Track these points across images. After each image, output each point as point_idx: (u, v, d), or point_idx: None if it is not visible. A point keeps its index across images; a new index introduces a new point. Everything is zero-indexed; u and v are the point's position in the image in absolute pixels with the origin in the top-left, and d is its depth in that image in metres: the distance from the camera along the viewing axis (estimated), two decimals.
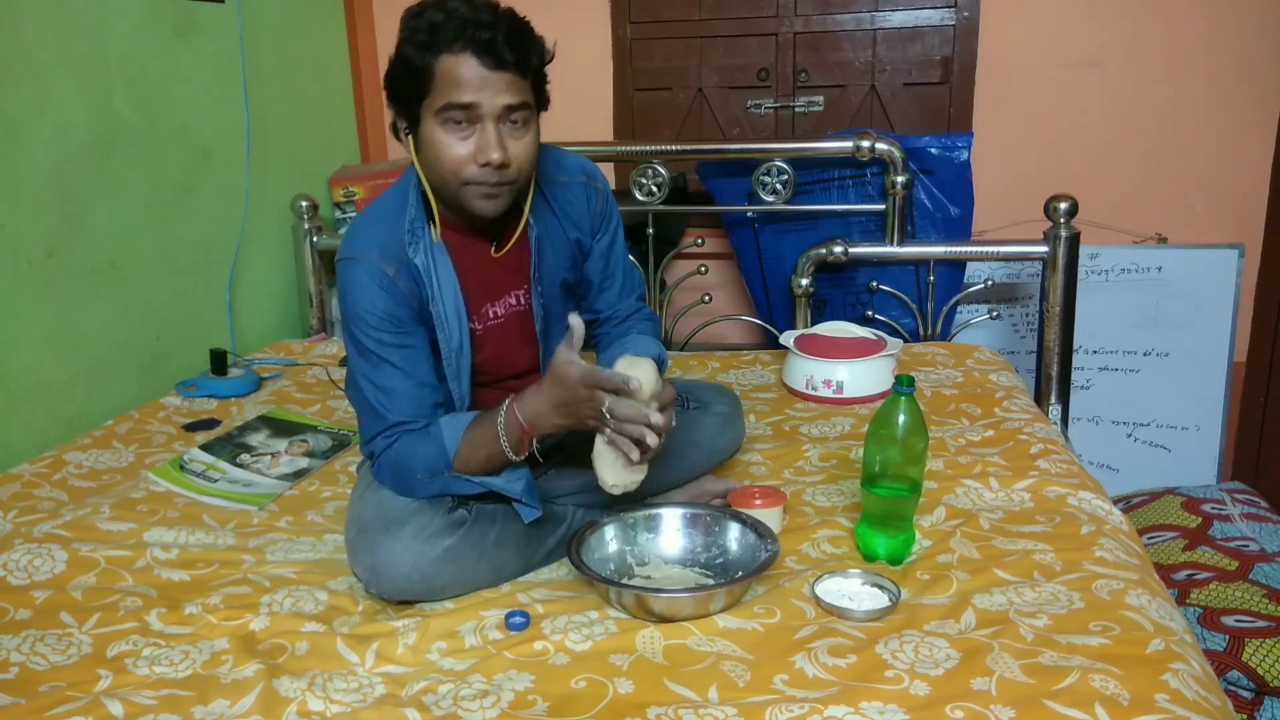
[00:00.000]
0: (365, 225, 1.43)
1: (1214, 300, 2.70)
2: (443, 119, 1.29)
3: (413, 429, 1.41)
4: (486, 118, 1.29)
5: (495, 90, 1.27)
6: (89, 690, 1.16)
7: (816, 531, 1.51)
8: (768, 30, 2.86)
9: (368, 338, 1.38)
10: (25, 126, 1.92)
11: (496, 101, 1.28)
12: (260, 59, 2.58)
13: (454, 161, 1.30)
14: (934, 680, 1.12)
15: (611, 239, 1.58)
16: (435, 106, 1.29)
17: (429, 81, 1.28)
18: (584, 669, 1.18)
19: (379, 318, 1.37)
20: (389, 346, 1.39)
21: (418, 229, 1.40)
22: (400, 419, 1.40)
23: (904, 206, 2.43)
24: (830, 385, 2.10)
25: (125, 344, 2.19)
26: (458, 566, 1.34)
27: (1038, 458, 1.70)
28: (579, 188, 1.52)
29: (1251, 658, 1.64)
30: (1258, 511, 2.14)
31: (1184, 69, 2.66)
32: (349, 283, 1.39)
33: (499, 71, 1.26)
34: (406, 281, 1.38)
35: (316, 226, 2.68)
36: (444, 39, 1.26)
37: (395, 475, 1.41)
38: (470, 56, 1.25)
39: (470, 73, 1.26)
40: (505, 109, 1.29)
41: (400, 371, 1.39)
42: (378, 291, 1.37)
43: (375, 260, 1.37)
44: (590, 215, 1.53)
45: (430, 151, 1.32)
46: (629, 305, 1.63)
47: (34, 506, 1.64)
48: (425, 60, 1.27)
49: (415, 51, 1.28)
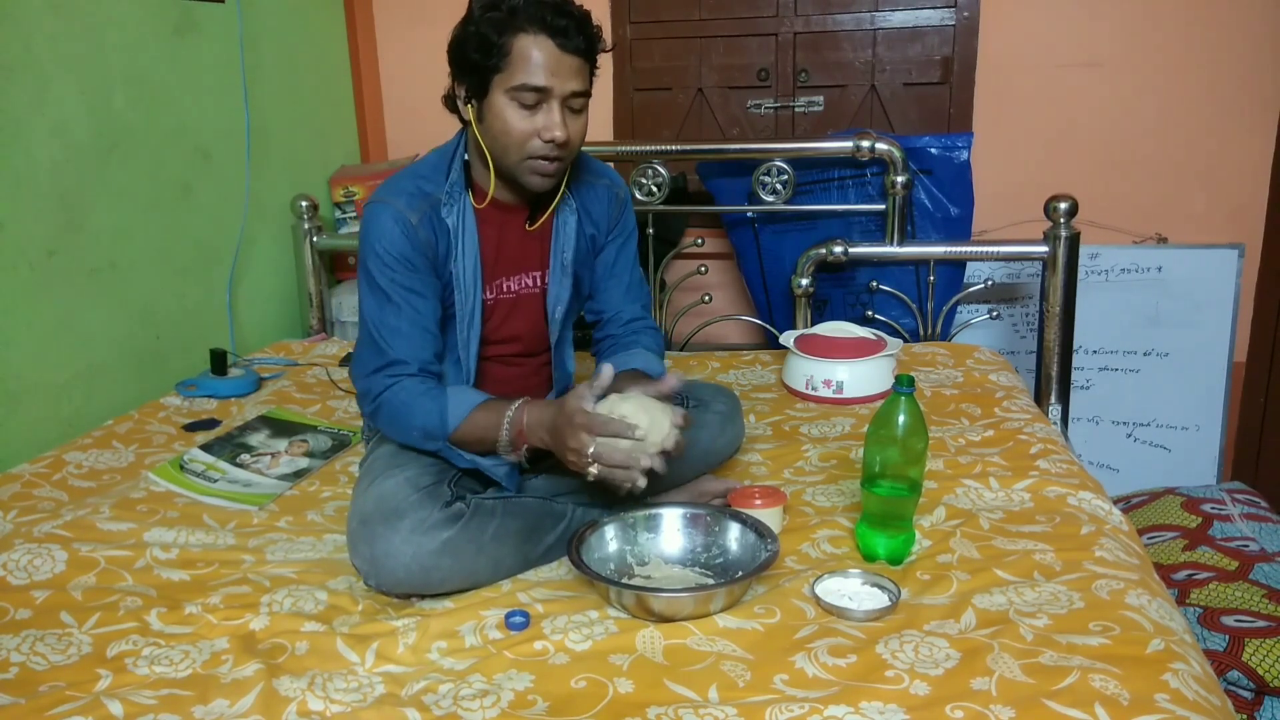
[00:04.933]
0: (400, 179, 1.50)
1: (1214, 300, 2.70)
2: (513, 96, 1.37)
3: (413, 376, 1.46)
4: (554, 99, 1.37)
5: (566, 75, 1.36)
6: (89, 690, 1.16)
7: (816, 531, 1.51)
8: (768, 30, 2.86)
9: (382, 276, 1.45)
10: (25, 126, 1.92)
11: (566, 86, 1.37)
12: (260, 59, 2.58)
13: (521, 135, 1.39)
14: (934, 680, 1.12)
15: (624, 241, 1.68)
16: (508, 84, 1.37)
17: (504, 58, 1.36)
18: (584, 669, 1.18)
19: (394, 258, 1.44)
20: (400, 288, 1.45)
21: (456, 192, 1.48)
22: (399, 357, 1.46)
23: (904, 206, 2.43)
24: (830, 385, 2.10)
25: (125, 344, 2.19)
26: (456, 559, 1.35)
27: (1038, 458, 1.70)
28: (604, 189, 1.63)
29: (1251, 658, 1.64)
30: (1258, 511, 2.14)
31: (1184, 69, 2.66)
32: (371, 222, 1.46)
33: (571, 56, 1.36)
34: (427, 233, 1.46)
35: (316, 226, 2.68)
36: (523, 20, 1.34)
37: (392, 422, 1.47)
38: (546, 39, 1.34)
39: (546, 56, 1.35)
40: (572, 93, 1.38)
41: (407, 312, 1.46)
42: (398, 234, 1.44)
43: (401, 207, 1.44)
44: (609, 217, 1.63)
45: (497, 123, 1.40)
46: (632, 310, 1.68)
47: (34, 506, 1.64)
48: (503, 38, 1.35)
49: (492, 28, 1.35)
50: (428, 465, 1.46)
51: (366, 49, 3.08)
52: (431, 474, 1.44)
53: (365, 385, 1.50)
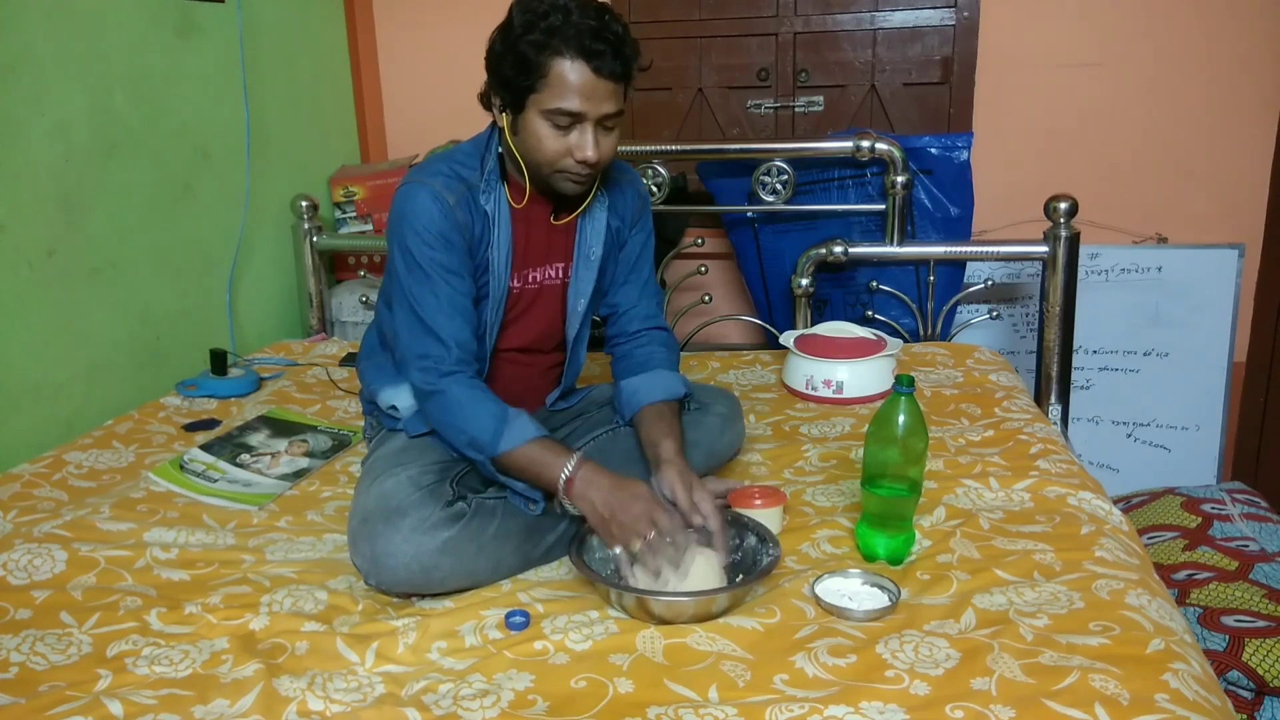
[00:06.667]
0: (435, 162, 1.50)
1: (1214, 300, 2.70)
2: (547, 117, 1.38)
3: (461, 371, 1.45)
4: (588, 122, 1.38)
5: (600, 100, 1.37)
6: (89, 690, 1.16)
7: (816, 531, 1.51)
8: (768, 30, 2.86)
9: (423, 255, 1.44)
10: (25, 126, 1.92)
11: (600, 109, 1.38)
12: (260, 59, 2.58)
13: (553, 154, 1.41)
14: (934, 680, 1.12)
15: (646, 238, 1.69)
16: (543, 105, 1.37)
17: (541, 79, 1.36)
18: (584, 668, 1.18)
19: (435, 235, 1.44)
20: (439, 266, 1.44)
21: (493, 181, 1.50)
22: (442, 337, 1.44)
23: (904, 206, 2.43)
24: (830, 385, 2.10)
25: (125, 344, 2.19)
26: (457, 559, 1.35)
27: (1038, 458, 1.70)
28: (629, 185, 1.65)
29: (1251, 658, 1.64)
30: (1258, 511, 2.14)
31: (1184, 69, 2.66)
32: (408, 201, 1.45)
33: (607, 80, 1.36)
34: (465, 215, 1.46)
35: (316, 226, 2.68)
36: (560, 43, 1.34)
37: (442, 419, 1.46)
38: (583, 65, 1.34)
39: (582, 81, 1.35)
40: (605, 115, 1.39)
41: (445, 291, 1.45)
42: (437, 213, 1.43)
43: (439, 187, 1.45)
44: (634, 211, 1.66)
45: (531, 139, 1.41)
46: (647, 307, 1.69)
47: (34, 506, 1.64)
48: (540, 59, 1.35)
49: (531, 49, 1.35)
50: (430, 464, 1.47)
51: (366, 49, 3.08)
52: (433, 473, 1.44)
53: (416, 372, 1.46)
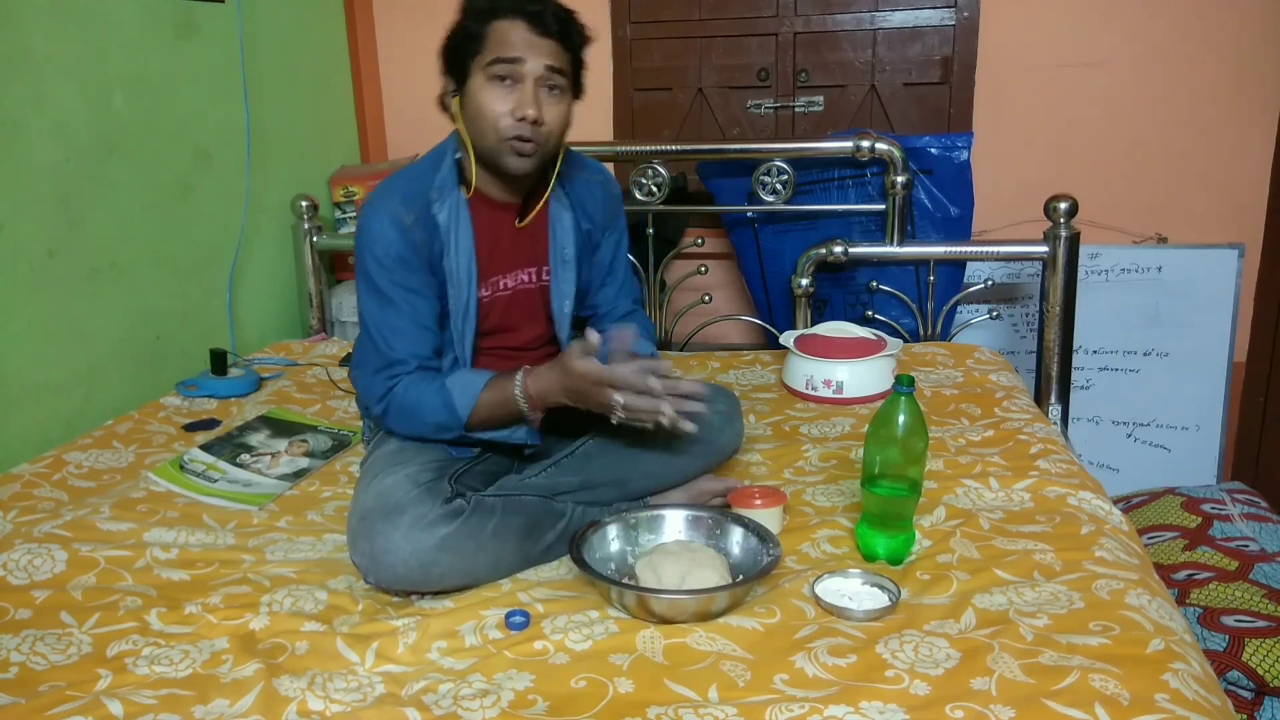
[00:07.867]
0: (394, 180, 1.55)
1: (1214, 300, 2.70)
2: (489, 74, 1.43)
3: (412, 373, 1.50)
4: (528, 77, 1.42)
5: (539, 52, 1.42)
6: (89, 690, 1.16)
7: (816, 531, 1.51)
8: (768, 30, 2.86)
9: (380, 278, 1.49)
10: (25, 126, 1.92)
11: (539, 62, 1.42)
12: (260, 59, 2.58)
13: (495, 115, 1.43)
14: (934, 680, 1.12)
15: (619, 238, 1.73)
16: (484, 62, 1.43)
17: (482, 42, 1.43)
18: (584, 668, 1.18)
19: (393, 259, 1.48)
20: (399, 288, 1.49)
21: (446, 188, 1.52)
22: (400, 356, 1.50)
23: (904, 206, 2.43)
24: (830, 385, 2.10)
25: (125, 344, 2.19)
26: (455, 556, 1.35)
27: (1038, 458, 1.70)
28: (597, 185, 1.67)
29: (1251, 658, 1.64)
30: (1258, 511, 2.14)
31: (1184, 69, 2.66)
32: (368, 224, 1.50)
33: (544, 38, 1.42)
34: (423, 233, 1.49)
35: (316, 226, 2.68)
36: (500, 8, 1.43)
37: (403, 421, 1.52)
38: (520, 22, 1.42)
39: (519, 36, 1.42)
40: (546, 69, 1.43)
41: (406, 311, 1.50)
42: (394, 235, 1.48)
43: (396, 207, 1.49)
44: (603, 211, 1.68)
45: (474, 106, 1.45)
46: (625, 305, 1.73)
47: (34, 506, 1.64)
48: (481, 25, 1.43)
49: (473, 19, 1.44)
50: (428, 462, 1.47)
51: (366, 49, 3.08)
52: (432, 470, 1.45)
53: (367, 387, 1.53)
